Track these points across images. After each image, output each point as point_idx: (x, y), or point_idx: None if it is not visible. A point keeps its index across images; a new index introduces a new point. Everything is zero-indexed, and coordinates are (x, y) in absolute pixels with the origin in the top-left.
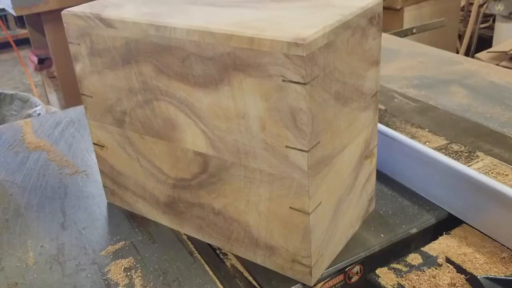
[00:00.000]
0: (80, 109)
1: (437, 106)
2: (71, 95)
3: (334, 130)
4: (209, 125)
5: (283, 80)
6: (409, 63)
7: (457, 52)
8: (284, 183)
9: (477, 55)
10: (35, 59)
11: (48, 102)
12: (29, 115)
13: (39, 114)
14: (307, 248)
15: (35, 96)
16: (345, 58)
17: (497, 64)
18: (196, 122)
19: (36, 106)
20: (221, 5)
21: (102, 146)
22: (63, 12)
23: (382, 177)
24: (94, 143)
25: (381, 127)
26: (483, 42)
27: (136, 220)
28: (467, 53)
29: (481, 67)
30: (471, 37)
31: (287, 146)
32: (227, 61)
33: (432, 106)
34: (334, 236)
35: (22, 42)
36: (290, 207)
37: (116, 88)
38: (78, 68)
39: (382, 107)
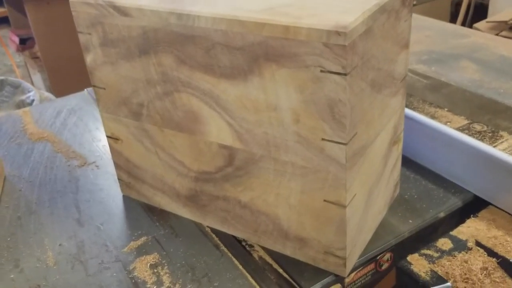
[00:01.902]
0: (80, 96)
1: (449, 83)
2: (57, 75)
3: (369, 119)
4: (236, 117)
5: (321, 71)
6: (415, 37)
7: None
8: (318, 176)
9: (476, 25)
10: (17, 39)
11: (32, 83)
12: (22, 102)
13: (33, 100)
14: (342, 240)
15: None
16: (380, 43)
17: (497, 34)
18: (221, 114)
19: (29, 92)
20: None
21: (116, 139)
22: (71, 0)
23: (403, 160)
24: (107, 136)
25: None
26: (478, 10)
27: (155, 213)
28: (463, 23)
29: (488, 40)
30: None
31: (323, 139)
32: (257, 51)
33: (445, 82)
34: (365, 225)
35: (1, 21)
36: (325, 200)
37: (132, 80)
38: (89, 59)
39: None
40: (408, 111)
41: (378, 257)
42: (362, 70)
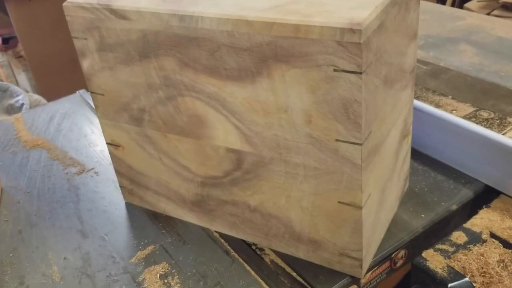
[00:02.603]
0: (72, 98)
1: (449, 68)
2: (42, 74)
3: (382, 116)
4: (244, 120)
5: (335, 70)
6: None
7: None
8: (332, 177)
9: (467, 5)
10: None
11: (16, 83)
12: (11, 106)
13: (22, 104)
14: (358, 242)
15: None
16: (392, 37)
17: (489, 13)
18: (228, 117)
19: (17, 95)
20: None
21: (117, 146)
22: (64, 4)
23: (411, 151)
24: (108, 143)
25: None
26: None
27: (160, 220)
28: (453, 4)
29: (484, 21)
30: None
31: (337, 140)
32: (266, 52)
33: (444, 68)
34: (379, 223)
35: None
36: (339, 202)
37: (132, 85)
38: (85, 64)
39: None
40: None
41: (392, 255)
42: (376, 66)
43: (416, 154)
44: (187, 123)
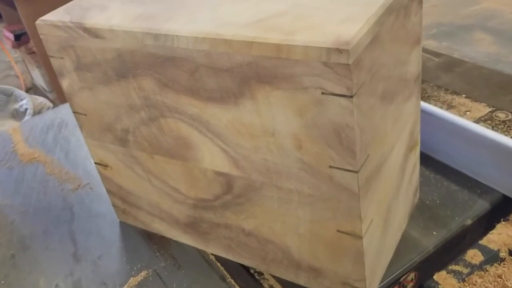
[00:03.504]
0: None
1: (464, 59)
2: (53, 70)
3: (382, 135)
4: (230, 143)
5: (323, 93)
6: None
7: None
8: (328, 204)
9: None
10: (11, 36)
11: (31, 79)
12: (16, 110)
13: (26, 109)
14: (360, 271)
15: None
16: (390, 48)
17: None
18: (213, 140)
19: (21, 99)
20: None
21: (105, 166)
22: (37, 22)
23: (422, 157)
24: (95, 163)
25: None
26: None
27: (154, 240)
28: None
29: (502, 4)
30: None
31: (330, 166)
32: (247, 73)
33: (458, 59)
34: (385, 246)
35: None
36: (338, 230)
37: (113, 105)
38: (65, 84)
39: None
40: (422, 103)
41: (401, 279)
42: (370, 85)
43: (428, 161)
44: (172, 144)
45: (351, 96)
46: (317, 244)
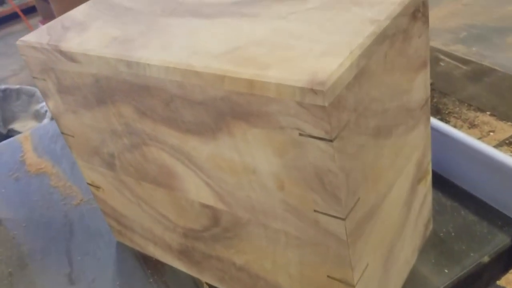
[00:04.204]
0: None
1: (495, 68)
2: None
3: (376, 173)
4: (213, 177)
5: (301, 134)
6: (452, 8)
7: None
8: (316, 249)
9: None
10: None
11: None
12: (37, 112)
13: (46, 111)
14: None
15: None
16: (383, 80)
17: None
18: (196, 172)
19: (42, 101)
20: (208, 15)
21: (97, 187)
22: (17, 43)
23: (437, 180)
24: (88, 183)
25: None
26: None
27: (149, 265)
28: None
29: None
30: None
31: (315, 211)
32: (222, 107)
33: (488, 67)
34: (387, 286)
35: (33, 10)
36: (328, 276)
37: (97, 129)
38: (50, 105)
39: None
40: (438, 123)
41: None
42: (357, 124)
43: (445, 185)
44: (157, 172)
45: (331, 140)
46: (309, 287)
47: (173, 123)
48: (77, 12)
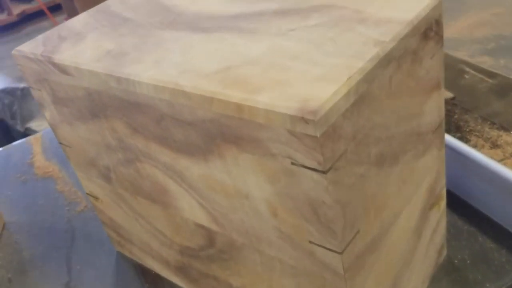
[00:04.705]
0: None
1: None
2: None
3: (380, 203)
4: (206, 198)
5: (293, 164)
6: (480, 17)
7: None
8: (312, 280)
9: None
10: None
11: None
12: None
13: None
14: None
15: None
16: (388, 104)
17: None
18: (189, 192)
19: None
20: (206, 29)
21: (96, 198)
22: (13, 52)
23: (454, 201)
24: (87, 193)
25: (447, 138)
26: None
27: (148, 278)
28: None
29: None
30: None
31: (310, 242)
32: (212, 130)
33: None
34: None
35: (59, 7)
36: None
37: (92, 142)
38: (47, 115)
39: (449, 94)
40: (456, 143)
41: None
42: (356, 153)
43: (462, 207)
44: (151, 189)
45: (324, 172)
46: None
47: (165, 142)
48: (76, 21)
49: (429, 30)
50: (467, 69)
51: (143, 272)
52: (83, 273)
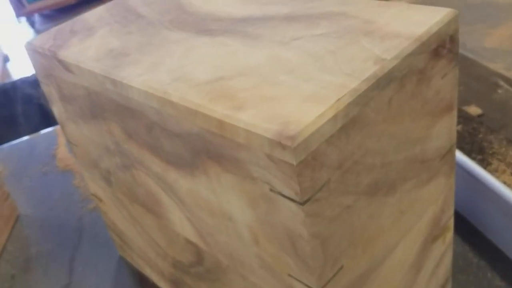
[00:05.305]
0: None
1: None
2: None
3: (371, 236)
4: (194, 214)
5: (271, 190)
6: None
7: None
8: None
9: None
10: None
11: None
12: None
13: None
14: None
15: None
16: (385, 128)
17: None
18: (179, 205)
19: None
20: (211, 31)
21: (100, 199)
22: (25, 44)
23: (466, 229)
24: (91, 194)
25: (465, 161)
26: None
27: (145, 287)
28: None
29: None
30: None
31: (289, 275)
32: (197, 144)
33: None
34: None
35: None
36: None
37: (94, 143)
38: (55, 111)
39: (477, 110)
40: (474, 167)
41: None
42: (343, 182)
43: (475, 237)
44: (146, 197)
45: (301, 204)
46: None
47: (156, 151)
48: (93, 14)
49: (441, 47)
50: (501, 83)
51: (142, 280)
52: (85, 276)
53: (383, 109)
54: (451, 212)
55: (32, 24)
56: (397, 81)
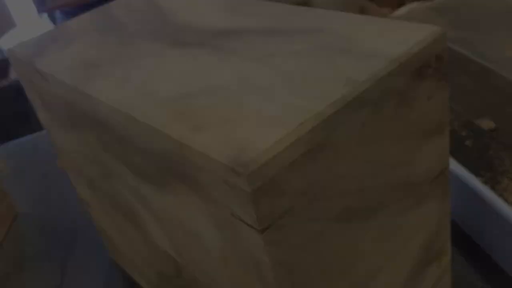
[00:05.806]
0: None
1: None
2: None
3: (349, 261)
4: (169, 229)
5: (232, 215)
6: None
7: None
8: None
9: None
10: None
11: None
12: None
13: None
14: None
15: None
16: (359, 152)
17: None
18: (155, 219)
19: None
20: (186, 44)
21: (88, 204)
22: (7, 51)
23: (472, 251)
24: (80, 198)
25: (470, 177)
26: None
27: None
28: None
29: None
30: None
31: None
32: (162, 162)
33: None
34: None
35: None
36: None
37: (76, 151)
38: (39, 116)
39: (490, 123)
40: (480, 186)
41: None
42: (310, 209)
43: (482, 259)
44: (126, 208)
45: (261, 232)
46: None
47: (128, 164)
48: (74, 22)
49: (425, 67)
50: None
51: (133, 284)
52: (76, 280)
53: (355, 133)
54: (445, 236)
55: (53, 20)
56: (371, 104)
